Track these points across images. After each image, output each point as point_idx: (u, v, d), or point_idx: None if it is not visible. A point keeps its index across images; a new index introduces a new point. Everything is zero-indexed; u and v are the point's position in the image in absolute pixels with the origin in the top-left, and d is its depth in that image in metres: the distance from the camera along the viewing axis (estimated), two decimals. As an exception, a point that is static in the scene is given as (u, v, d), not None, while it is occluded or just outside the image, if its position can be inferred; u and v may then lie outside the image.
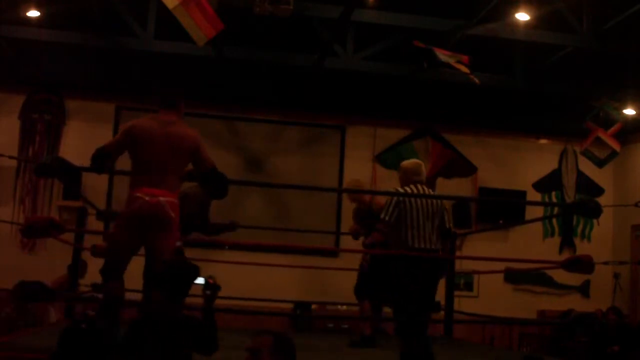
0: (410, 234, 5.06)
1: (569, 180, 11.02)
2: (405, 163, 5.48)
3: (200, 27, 6.20)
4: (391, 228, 5.14)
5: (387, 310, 8.24)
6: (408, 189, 5.19)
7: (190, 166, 4.52)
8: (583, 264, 5.42)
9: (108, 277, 4.28)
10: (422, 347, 4.92)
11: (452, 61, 7.17)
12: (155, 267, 4.23)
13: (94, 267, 4.50)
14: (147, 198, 4.19)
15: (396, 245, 5.13)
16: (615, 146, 9.50)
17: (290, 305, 9.01)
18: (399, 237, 5.09)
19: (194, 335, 3.53)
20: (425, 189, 5.28)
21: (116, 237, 4.37)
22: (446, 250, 5.30)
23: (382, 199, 5.99)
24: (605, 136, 9.41)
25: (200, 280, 5.39)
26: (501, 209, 10.37)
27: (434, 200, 5.23)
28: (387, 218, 5.09)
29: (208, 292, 3.70)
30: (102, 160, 4.38)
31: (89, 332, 3.58)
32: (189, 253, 8.50)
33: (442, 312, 7.82)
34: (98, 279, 4.50)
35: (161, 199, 4.20)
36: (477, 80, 7.39)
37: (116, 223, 4.46)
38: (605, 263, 6.32)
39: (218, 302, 6.08)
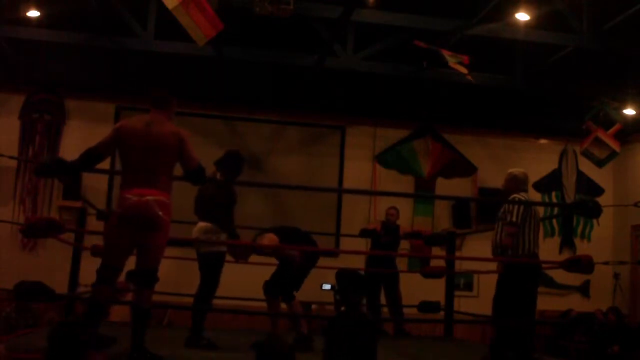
0: (528, 239, 5.37)
1: (569, 180, 11.03)
2: (517, 172, 5.71)
3: (200, 27, 6.20)
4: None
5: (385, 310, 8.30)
6: (523, 197, 5.46)
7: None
8: (583, 264, 5.43)
9: (101, 278, 4.32)
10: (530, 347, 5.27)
11: (452, 61, 7.19)
12: (144, 265, 4.28)
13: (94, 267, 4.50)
14: (135, 198, 4.23)
15: (516, 249, 5.37)
16: (615, 146, 9.49)
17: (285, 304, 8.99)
18: (519, 242, 5.37)
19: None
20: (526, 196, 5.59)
21: (109, 238, 4.43)
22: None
23: (266, 242, 5.63)
24: (605, 136, 9.41)
25: (327, 287, 5.56)
26: (501, 209, 10.36)
27: (539, 209, 5.59)
28: (517, 221, 5.34)
29: (338, 296, 3.98)
30: (93, 161, 4.47)
31: (78, 331, 3.61)
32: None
33: (442, 312, 7.84)
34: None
35: (149, 198, 4.23)
36: (472, 79, 7.44)
37: (109, 223, 4.53)
38: (605, 263, 6.31)
39: (218, 302, 6.12)
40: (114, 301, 5.34)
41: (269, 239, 5.66)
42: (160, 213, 4.24)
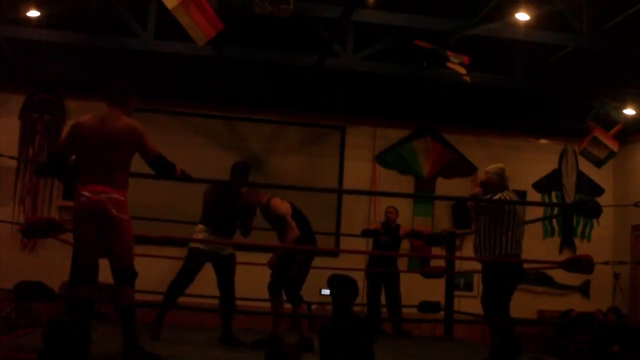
0: (505, 240, 5.35)
1: (569, 180, 11.02)
2: (495, 168, 5.61)
3: (200, 27, 6.20)
4: (488, 230, 5.36)
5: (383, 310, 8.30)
6: (509, 195, 5.44)
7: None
8: (583, 264, 5.44)
9: (83, 279, 4.33)
10: (516, 343, 5.30)
11: (452, 61, 7.19)
12: (118, 265, 4.28)
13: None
14: (88, 195, 4.22)
15: (493, 249, 5.36)
16: (614, 146, 9.47)
17: (290, 306, 8.99)
18: (496, 242, 5.35)
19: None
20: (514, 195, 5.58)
21: (78, 238, 4.43)
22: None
23: (281, 206, 5.73)
24: (603, 136, 9.39)
25: (326, 292, 5.70)
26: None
27: (524, 208, 5.55)
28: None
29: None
30: (58, 163, 4.49)
31: (72, 330, 3.61)
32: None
33: (442, 312, 7.84)
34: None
35: (102, 196, 4.20)
36: (469, 79, 7.44)
37: (73, 224, 4.50)
38: (605, 263, 6.32)
39: (217, 302, 6.13)
40: (99, 300, 5.35)
41: (285, 205, 5.77)
42: (114, 211, 4.20)
